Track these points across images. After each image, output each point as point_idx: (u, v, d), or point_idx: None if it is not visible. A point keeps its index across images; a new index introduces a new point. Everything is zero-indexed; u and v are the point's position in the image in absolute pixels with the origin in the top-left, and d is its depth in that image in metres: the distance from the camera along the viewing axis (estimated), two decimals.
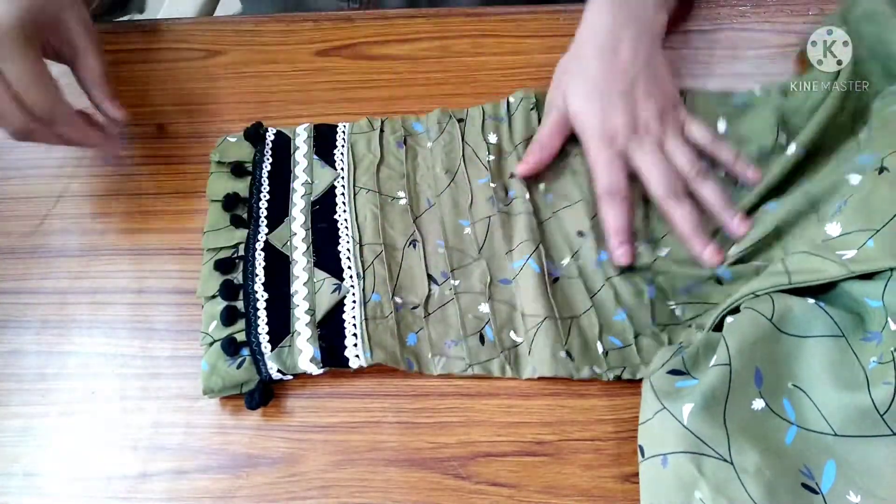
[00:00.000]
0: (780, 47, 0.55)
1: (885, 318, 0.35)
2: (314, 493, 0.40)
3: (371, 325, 0.44)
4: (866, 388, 0.34)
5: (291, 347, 0.44)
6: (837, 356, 0.36)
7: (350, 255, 0.47)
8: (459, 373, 0.43)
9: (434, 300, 0.45)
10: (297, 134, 0.53)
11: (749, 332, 0.37)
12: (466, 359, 0.43)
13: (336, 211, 0.49)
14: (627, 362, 0.42)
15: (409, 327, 0.44)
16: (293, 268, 0.47)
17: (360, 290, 0.45)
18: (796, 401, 0.36)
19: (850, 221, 0.38)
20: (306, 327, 0.44)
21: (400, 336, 0.44)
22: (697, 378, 0.37)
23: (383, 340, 0.43)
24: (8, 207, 0.53)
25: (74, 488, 0.41)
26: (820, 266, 0.37)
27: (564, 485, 0.40)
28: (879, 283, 0.36)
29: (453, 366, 0.43)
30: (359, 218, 0.49)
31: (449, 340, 0.44)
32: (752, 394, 0.36)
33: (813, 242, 0.39)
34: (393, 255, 0.47)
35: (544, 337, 0.43)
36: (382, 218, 0.48)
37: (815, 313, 0.37)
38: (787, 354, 0.37)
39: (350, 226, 0.48)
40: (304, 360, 0.43)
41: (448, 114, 0.53)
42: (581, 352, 0.43)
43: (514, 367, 0.43)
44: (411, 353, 0.44)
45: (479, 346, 0.44)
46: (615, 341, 0.43)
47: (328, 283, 0.46)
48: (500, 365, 0.43)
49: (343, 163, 0.51)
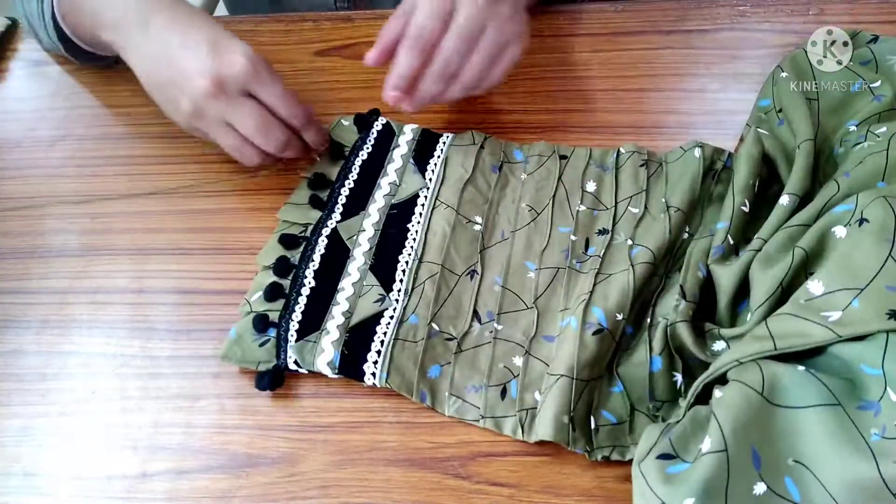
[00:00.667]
0: (779, 47, 0.55)
1: (883, 387, 0.33)
2: (314, 493, 0.40)
3: (398, 346, 0.43)
4: (873, 462, 0.32)
5: (316, 344, 0.43)
6: (836, 426, 0.33)
7: (406, 269, 0.46)
8: (470, 421, 0.41)
9: (471, 338, 0.44)
10: (402, 132, 0.53)
11: (741, 410, 0.34)
12: (481, 409, 0.41)
13: (411, 220, 0.48)
14: (618, 442, 0.40)
15: (435, 358, 0.43)
16: (349, 264, 0.47)
17: (401, 308, 0.45)
18: (798, 478, 0.34)
19: (833, 279, 0.37)
20: (337, 329, 0.44)
21: (422, 365, 0.43)
22: (688, 461, 0.35)
23: (403, 366, 0.42)
24: (8, 207, 0.53)
25: (74, 488, 0.41)
26: (805, 329, 0.35)
27: (564, 485, 0.40)
28: (874, 347, 0.34)
29: (466, 412, 0.41)
30: (429, 233, 0.48)
31: (471, 385, 0.42)
32: (752, 478, 0.34)
33: (796, 301, 0.37)
34: (446, 280, 0.46)
35: (554, 397, 0.40)
36: (451, 239, 0.47)
37: (807, 381, 0.35)
38: (782, 430, 0.35)
39: (417, 239, 0.47)
40: (322, 361, 0.43)
41: (552, 148, 0.51)
42: (580, 423, 0.40)
43: (526, 430, 0.40)
44: (428, 386, 0.42)
45: (499, 400, 0.41)
46: (609, 416, 0.40)
47: (375, 291, 0.45)
48: (513, 425, 0.41)
49: (433, 174, 0.51)
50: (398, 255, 0.47)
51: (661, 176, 0.49)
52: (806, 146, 0.45)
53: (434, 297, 0.45)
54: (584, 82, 0.55)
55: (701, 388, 0.38)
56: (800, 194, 0.43)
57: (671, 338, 0.42)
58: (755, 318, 0.40)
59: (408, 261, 0.47)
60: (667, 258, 0.46)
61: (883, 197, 0.38)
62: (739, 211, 0.44)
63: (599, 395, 0.41)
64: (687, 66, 0.56)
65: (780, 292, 0.40)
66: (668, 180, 0.49)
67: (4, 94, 0.60)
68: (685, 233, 0.47)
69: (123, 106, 0.57)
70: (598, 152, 0.51)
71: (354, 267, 0.46)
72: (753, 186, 0.45)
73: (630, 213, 0.48)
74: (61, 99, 0.58)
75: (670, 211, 0.46)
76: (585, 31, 0.58)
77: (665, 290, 0.44)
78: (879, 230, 0.37)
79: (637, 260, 0.44)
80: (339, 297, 0.45)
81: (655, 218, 0.47)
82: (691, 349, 0.40)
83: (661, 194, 0.48)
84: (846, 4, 0.57)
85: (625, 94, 0.55)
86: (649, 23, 0.58)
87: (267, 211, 0.51)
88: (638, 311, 0.44)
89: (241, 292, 0.47)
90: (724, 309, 0.43)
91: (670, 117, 0.53)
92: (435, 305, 0.45)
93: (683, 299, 0.42)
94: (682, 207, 0.46)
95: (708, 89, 0.54)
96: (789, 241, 0.41)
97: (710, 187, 0.48)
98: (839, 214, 0.39)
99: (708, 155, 0.48)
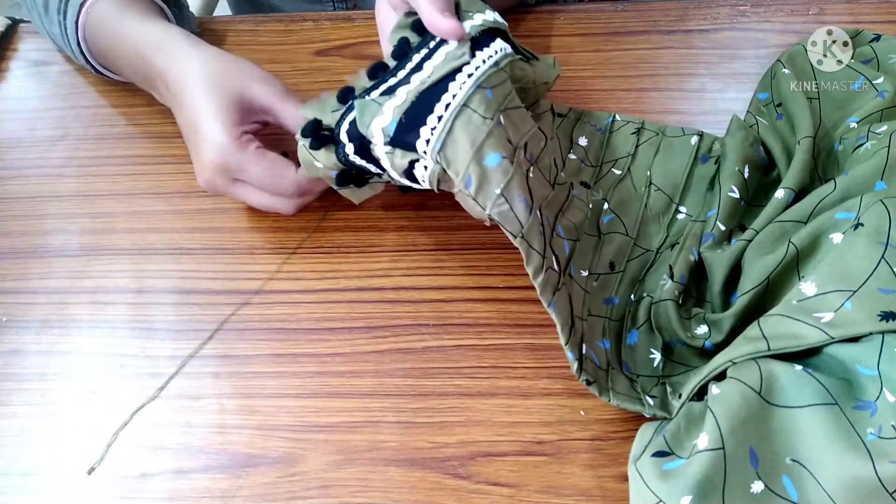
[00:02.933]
0: (779, 47, 0.55)
1: (879, 388, 0.34)
2: (314, 493, 0.40)
3: (463, 117, 0.38)
4: (869, 462, 0.32)
5: (379, 106, 0.40)
6: (832, 426, 0.34)
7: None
8: (508, 231, 0.39)
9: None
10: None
11: (739, 408, 0.35)
12: (524, 227, 0.39)
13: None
14: (598, 379, 0.40)
15: (497, 148, 0.39)
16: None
17: (484, 70, 0.40)
18: (796, 477, 0.34)
19: (825, 280, 0.37)
20: (405, 94, 0.40)
21: (480, 148, 0.39)
22: (683, 457, 0.35)
23: (458, 143, 0.38)
24: (8, 207, 0.53)
25: (74, 488, 0.41)
26: (798, 331, 0.36)
27: (564, 484, 0.40)
28: (869, 348, 0.35)
29: (508, 220, 0.39)
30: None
31: (521, 197, 0.39)
32: (749, 476, 0.34)
33: (788, 302, 0.37)
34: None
35: (565, 296, 0.40)
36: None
37: (804, 380, 0.35)
38: (780, 428, 0.35)
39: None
40: (378, 126, 0.40)
41: (549, 105, 0.51)
42: (577, 337, 0.40)
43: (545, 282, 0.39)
44: (479, 173, 0.38)
45: (540, 232, 0.40)
46: (595, 358, 0.41)
47: (460, 53, 0.40)
48: (537, 263, 0.39)
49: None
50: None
51: (653, 145, 0.51)
52: (806, 142, 0.45)
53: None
54: (584, 82, 0.55)
55: (696, 387, 0.38)
56: (795, 189, 0.44)
57: (654, 315, 0.43)
58: (738, 304, 0.40)
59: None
60: (642, 228, 0.47)
61: (879, 200, 0.38)
62: (727, 198, 0.45)
63: (589, 339, 0.41)
64: (687, 66, 0.56)
65: (767, 284, 0.40)
66: (659, 152, 0.50)
67: (4, 94, 0.59)
68: (680, 213, 0.48)
69: (123, 106, 0.57)
70: (595, 113, 0.52)
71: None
72: (741, 173, 0.46)
73: (612, 174, 0.50)
74: (61, 99, 0.58)
75: (651, 189, 0.48)
76: (585, 31, 0.58)
77: (655, 267, 0.45)
78: (873, 233, 0.37)
79: (608, 229, 0.46)
80: (427, 65, 0.41)
81: (637, 189, 0.49)
82: (675, 328, 0.41)
83: (648, 164, 0.50)
84: (846, 4, 0.57)
85: (625, 94, 0.55)
86: (649, 23, 0.58)
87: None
88: (626, 285, 0.45)
89: (241, 292, 0.47)
90: (716, 295, 0.43)
91: (670, 117, 0.53)
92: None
93: (670, 279, 0.43)
94: (664, 189, 0.48)
95: (708, 89, 0.54)
96: (783, 235, 0.42)
97: (712, 172, 0.49)
98: (838, 221, 0.40)
99: (706, 144, 0.50)
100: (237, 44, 0.59)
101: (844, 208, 0.40)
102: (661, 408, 0.39)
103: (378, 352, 0.45)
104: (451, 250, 0.48)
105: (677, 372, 0.42)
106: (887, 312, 0.35)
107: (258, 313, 0.47)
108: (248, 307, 0.47)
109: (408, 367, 0.44)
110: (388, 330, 0.46)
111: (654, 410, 0.39)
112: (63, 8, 0.52)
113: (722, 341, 0.41)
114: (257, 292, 0.47)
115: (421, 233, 0.49)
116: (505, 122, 0.40)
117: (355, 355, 0.45)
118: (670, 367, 0.42)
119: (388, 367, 0.44)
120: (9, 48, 0.62)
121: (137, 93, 0.57)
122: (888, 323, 0.35)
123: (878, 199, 0.38)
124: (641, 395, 0.40)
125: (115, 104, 0.58)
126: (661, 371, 0.42)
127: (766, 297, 0.41)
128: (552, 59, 0.49)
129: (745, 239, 0.43)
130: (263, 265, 0.49)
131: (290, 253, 0.49)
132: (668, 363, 0.42)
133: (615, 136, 0.51)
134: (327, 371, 0.44)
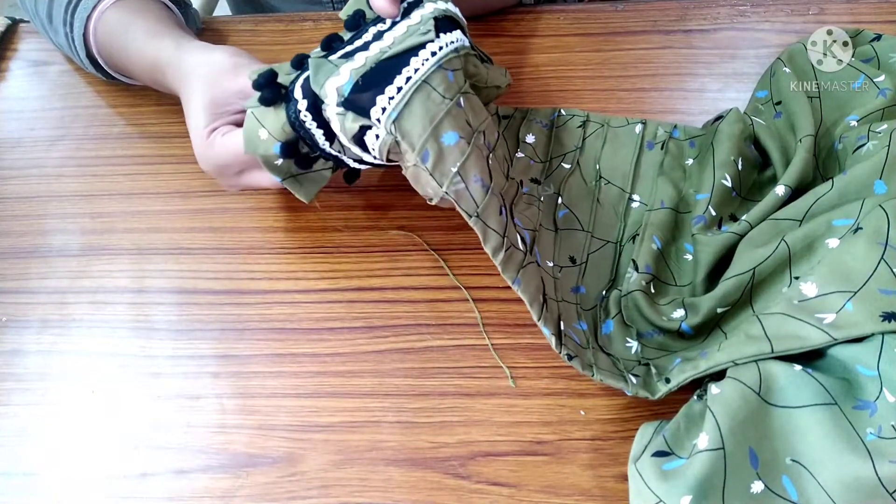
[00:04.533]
0: (779, 47, 0.55)
1: (879, 388, 0.34)
2: (314, 492, 0.40)
3: (422, 93, 0.38)
4: (869, 461, 0.32)
5: (335, 67, 0.39)
6: (832, 426, 0.34)
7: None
8: (463, 210, 0.39)
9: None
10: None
11: (738, 408, 0.35)
12: (478, 207, 0.39)
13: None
14: (580, 355, 0.40)
15: (454, 127, 0.39)
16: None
17: (447, 50, 0.40)
18: (796, 477, 0.34)
19: (826, 281, 0.37)
20: (365, 59, 0.39)
21: (438, 125, 0.39)
22: (683, 457, 0.35)
23: (415, 115, 0.38)
24: (8, 207, 0.53)
25: (74, 488, 0.41)
26: (800, 332, 0.36)
27: (564, 484, 0.40)
28: (869, 349, 0.35)
29: (463, 198, 0.39)
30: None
31: (478, 177, 0.40)
32: (749, 476, 0.34)
33: (790, 301, 0.38)
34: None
35: (534, 273, 0.41)
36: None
37: (803, 381, 0.35)
38: (780, 429, 0.35)
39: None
40: (332, 85, 0.39)
41: (494, 109, 0.52)
42: (553, 314, 0.41)
43: (506, 256, 0.40)
44: (437, 150, 0.38)
45: (497, 215, 0.40)
46: (574, 337, 0.42)
47: (426, 31, 0.40)
48: (496, 243, 0.40)
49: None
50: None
51: (599, 137, 0.52)
52: (807, 141, 0.45)
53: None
54: (584, 82, 0.55)
55: (688, 379, 0.38)
56: (794, 187, 0.44)
57: (624, 308, 0.44)
58: (721, 288, 0.41)
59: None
60: (597, 220, 0.48)
61: (879, 205, 0.39)
62: (720, 185, 0.46)
63: (567, 320, 0.42)
64: (687, 66, 0.56)
65: (752, 274, 0.41)
66: (606, 143, 0.51)
67: (4, 94, 0.59)
68: (634, 201, 0.49)
69: (123, 106, 0.57)
70: (540, 110, 0.53)
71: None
72: (735, 163, 0.47)
73: (562, 168, 0.50)
74: (61, 99, 0.58)
75: (601, 182, 0.50)
76: (585, 31, 0.58)
77: (623, 261, 0.47)
78: (872, 234, 0.38)
79: (564, 224, 0.48)
80: (388, 35, 0.41)
81: (587, 183, 0.50)
82: (647, 316, 0.42)
83: (596, 157, 0.51)
84: (846, 4, 0.57)
85: (625, 94, 0.55)
86: (649, 22, 0.58)
87: (267, 211, 0.51)
88: (592, 276, 0.46)
89: (242, 292, 0.47)
90: (699, 282, 0.44)
91: (670, 117, 0.53)
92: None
93: (636, 271, 0.44)
94: (614, 181, 0.50)
95: (708, 89, 0.54)
96: (777, 234, 0.42)
97: (659, 158, 0.50)
98: (836, 228, 0.40)
99: (650, 132, 0.51)
100: (237, 44, 0.59)
101: (843, 214, 0.40)
102: (644, 387, 0.40)
103: (378, 352, 0.45)
104: (451, 250, 0.48)
105: (656, 356, 0.43)
106: (889, 313, 0.35)
107: (258, 313, 0.47)
108: (248, 307, 0.47)
109: (408, 367, 0.44)
110: (388, 330, 0.46)
111: (637, 389, 0.39)
112: (69, 20, 0.52)
113: (699, 323, 0.41)
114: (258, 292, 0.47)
115: (421, 233, 0.49)
116: (465, 105, 0.40)
117: (355, 355, 0.45)
118: (648, 352, 0.43)
119: (387, 367, 0.44)
120: (9, 48, 0.62)
121: (137, 93, 0.57)
122: (890, 323, 0.35)
123: (878, 204, 0.39)
124: (624, 372, 0.41)
125: (114, 104, 0.58)
126: (639, 356, 0.42)
127: (751, 289, 0.41)
128: (504, 70, 0.50)
129: (736, 232, 0.43)
130: (263, 265, 0.49)
131: (291, 253, 0.49)
132: (645, 349, 0.43)
133: (561, 130, 0.52)
134: (327, 371, 0.44)
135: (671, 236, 0.47)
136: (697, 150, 0.50)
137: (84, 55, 0.53)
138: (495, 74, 0.48)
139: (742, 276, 0.41)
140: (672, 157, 0.50)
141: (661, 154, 0.50)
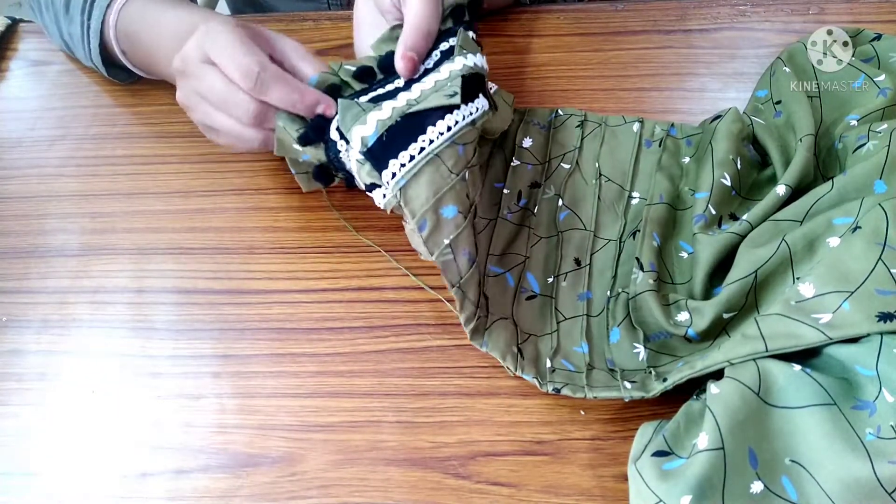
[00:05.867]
0: (779, 47, 0.55)
1: (878, 388, 0.34)
2: (314, 492, 0.40)
3: (432, 164, 0.40)
4: (868, 462, 0.32)
5: (364, 113, 0.41)
6: (831, 426, 0.34)
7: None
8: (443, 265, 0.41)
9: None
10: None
11: (738, 408, 0.35)
12: (462, 274, 0.42)
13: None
14: (571, 381, 0.41)
15: (455, 202, 0.41)
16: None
17: (463, 122, 0.42)
18: (795, 477, 0.34)
19: (823, 282, 0.37)
20: (391, 110, 0.41)
21: (440, 199, 0.40)
22: (683, 457, 0.35)
23: (421, 185, 0.40)
24: (8, 207, 0.53)
25: (74, 488, 0.41)
26: (796, 331, 0.36)
27: (564, 484, 0.40)
28: (868, 349, 0.35)
29: (450, 268, 0.41)
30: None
31: (466, 251, 0.42)
32: (749, 476, 0.34)
33: (787, 303, 0.38)
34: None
35: (501, 330, 0.43)
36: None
37: (802, 381, 0.35)
38: (779, 429, 0.35)
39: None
40: (357, 134, 0.40)
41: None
42: (531, 358, 0.42)
43: (477, 329, 0.43)
44: (435, 220, 0.40)
45: (473, 274, 0.42)
46: (567, 364, 0.42)
47: (452, 89, 0.41)
48: (469, 315, 0.42)
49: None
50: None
51: (597, 136, 0.52)
52: (808, 140, 0.45)
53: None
54: (584, 82, 0.55)
55: (685, 378, 0.38)
56: (794, 186, 0.44)
57: (633, 310, 0.43)
58: (725, 293, 0.41)
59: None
60: (599, 219, 0.48)
61: (878, 204, 0.38)
62: (720, 183, 0.46)
63: (562, 348, 0.43)
64: (687, 66, 0.56)
65: (755, 277, 0.41)
66: (604, 142, 0.51)
67: (4, 94, 0.59)
68: (633, 198, 0.49)
69: (123, 106, 0.57)
70: (537, 111, 0.53)
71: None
72: (734, 162, 0.47)
73: (562, 168, 0.50)
74: (61, 99, 0.58)
75: (602, 180, 0.49)
76: (585, 31, 0.58)
77: (624, 260, 0.47)
78: (870, 234, 0.38)
79: (565, 226, 0.48)
80: (416, 87, 0.42)
81: (588, 183, 0.50)
82: (657, 318, 0.42)
83: (595, 156, 0.51)
84: (846, 4, 0.57)
85: (625, 94, 0.55)
86: (649, 22, 0.58)
87: (267, 211, 0.51)
88: (597, 279, 0.46)
89: (242, 292, 0.47)
90: (699, 281, 0.44)
91: (670, 117, 0.53)
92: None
93: (641, 270, 0.44)
94: (614, 179, 0.50)
95: (708, 89, 0.54)
96: (777, 234, 0.42)
97: (657, 155, 0.50)
98: (836, 226, 0.40)
99: (648, 130, 0.52)
100: None
101: (843, 212, 0.40)
102: (640, 389, 0.40)
103: (378, 351, 0.45)
104: None
105: (663, 363, 0.42)
106: (885, 313, 0.35)
107: (258, 313, 0.47)
108: (248, 307, 0.47)
109: (408, 367, 0.44)
110: (388, 330, 0.46)
111: (631, 393, 0.39)
112: (88, 8, 0.52)
113: (705, 329, 0.41)
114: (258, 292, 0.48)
115: None
116: (468, 178, 0.42)
117: (355, 355, 0.45)
118: (655, 359, 0.43)
119: (387, 367, 0.44)
120: (9, 48, 0.62)
121: (137, 93, 0.57)
122: (886, 324, 0.35)
123: (877, 203, 0.39)
124: (620, 381, 0.41)
125: (114, 104, 0.58)
126: (645, 364, 0.42)
127: (755, 292, 0.41)
128: (511, 99, 0.52)
129: (736, 232, 0.43)
130: (263, 265, 0.49)
131: (290, 253, 0.49)
132: (652, 355, 0.43)
133: (559, 130, 0.52)
134: (327, 371, 0.44)
135: (668, 233, 0.47)
136: (694, 149, 0.50)
137: (96, 44, 0.53)
138: (503, 117, 0.50)
139: (745, 279, 0.41)
140: (669, 154, 0.50)
141: (658, 151, 0.50)
